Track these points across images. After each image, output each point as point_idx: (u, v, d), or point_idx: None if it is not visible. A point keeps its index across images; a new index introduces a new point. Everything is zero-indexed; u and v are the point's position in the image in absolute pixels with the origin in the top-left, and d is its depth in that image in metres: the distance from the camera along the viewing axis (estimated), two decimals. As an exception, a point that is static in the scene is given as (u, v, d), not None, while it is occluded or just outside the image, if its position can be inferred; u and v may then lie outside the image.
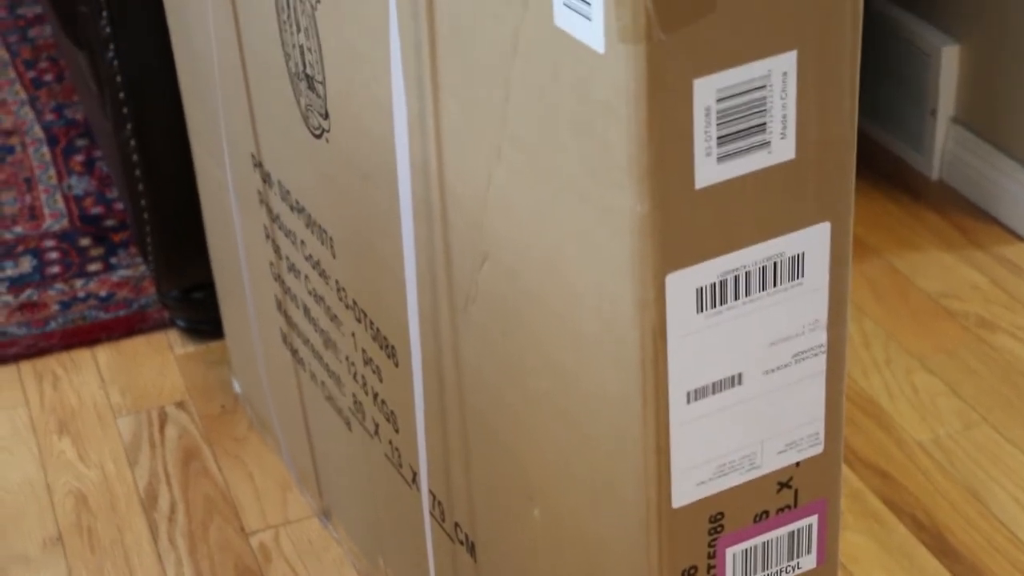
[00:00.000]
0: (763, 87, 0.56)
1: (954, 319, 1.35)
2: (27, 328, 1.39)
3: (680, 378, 0.61)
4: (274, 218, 1.01)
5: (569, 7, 0.56)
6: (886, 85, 1.57)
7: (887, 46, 1.56)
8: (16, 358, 1.36)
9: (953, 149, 1.52)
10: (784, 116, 0.57)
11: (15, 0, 1.99)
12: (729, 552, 0.66)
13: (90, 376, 1.34)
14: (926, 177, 1.54)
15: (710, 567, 0.66)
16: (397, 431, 0.91)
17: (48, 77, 1.81)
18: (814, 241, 0.61)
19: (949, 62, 1.49)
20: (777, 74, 0.56)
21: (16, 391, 1.33)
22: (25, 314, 1.41)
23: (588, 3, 0.55)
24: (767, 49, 0.56)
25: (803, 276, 0.61)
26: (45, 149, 1.67)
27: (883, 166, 1.57)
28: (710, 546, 0.65)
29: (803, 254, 0.61)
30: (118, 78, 1.21)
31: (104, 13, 1.18)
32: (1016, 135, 1.45)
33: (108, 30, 1.19)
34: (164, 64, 1.18)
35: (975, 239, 1.46)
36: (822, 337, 0.63)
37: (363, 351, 0.92)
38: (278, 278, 1.05)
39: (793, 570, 0.68)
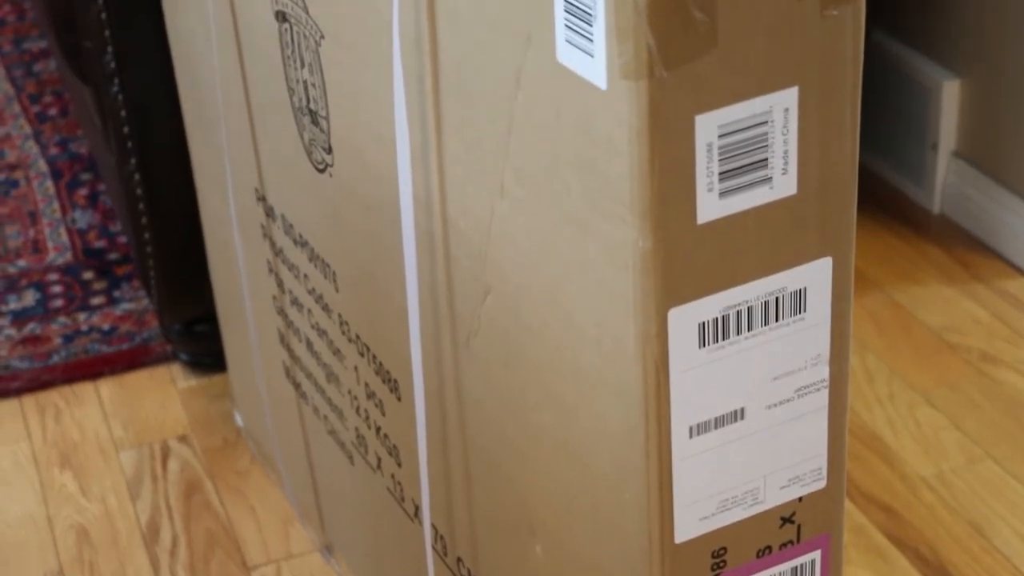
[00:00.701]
0: (765, 123, 0.57)
1: (956, 353, 1.35)
2: (30, 361, 1.39)
3: (682, 413, 0.61)
4: (277, 252, 1.02)
5: (572, 44, 0.57)
6: (887, 119, 1.58)
7: (888, 81, 1.56)
8: (19, 391, 1.36)
9: (954, 183, 1.52)
10: (786, 152, 0.58)
11: (21, 35, 2.00)
12: (732, 587, 0.66)
13: (92, 409, 1.34)
14: (927, 211, 1.55)
15: (713, 602, 0.65)
16: (399, 465, 0.91)
17: (53, 111, 1.82)
18: (816, 276, 0.61)
19: (950, 97, 1.50)
20: (779, 110, 0.57)
21: (18, 424, 1.33)
22: (28, 347, 1.41)
23: (590, 40, 0.55)
24: (768, 85, 0.56)
25: (805, 311, 0.61)
26: (49, 183, 1.67)
27: (884, 200, 1.57)
28: (713, 581, 0.65)
29: (805, 289, 0.61)
30: (122, 112, 1.22)
31: (109, 48, 1.19)
32: (1017, 169, 1.46)
33: (113, 65, 1.20)
34: (168, 99, 1.19)
35: (977, 273, 1.46)
36: (824, 372, 0.63)
37: (366, 385, 0.92)
38: (281, 312, 1.05)
39: (796, 605, 0.68)
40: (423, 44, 0.69)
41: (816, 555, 0.67)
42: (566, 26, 0.57)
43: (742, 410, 0.62)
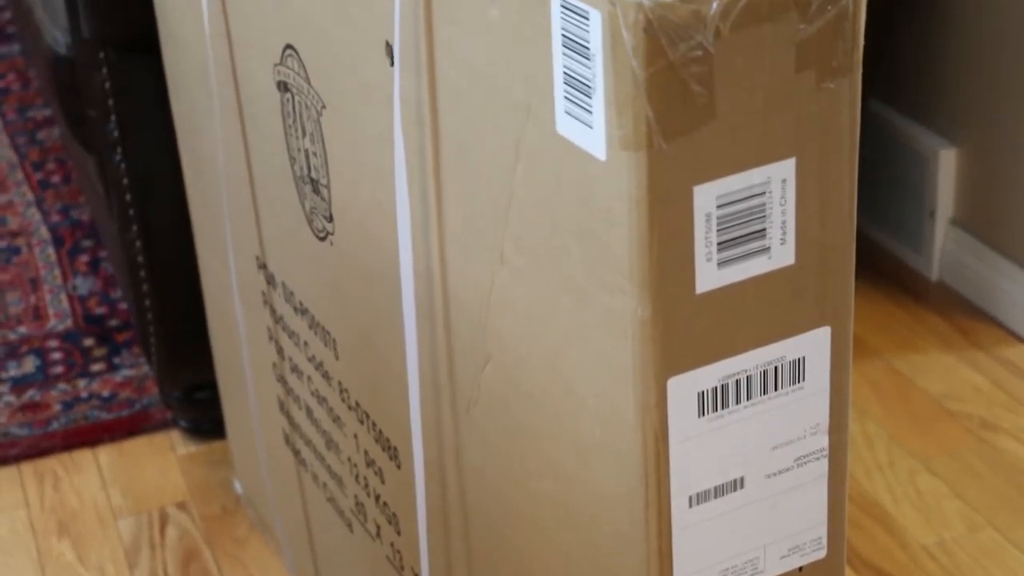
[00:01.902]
0: (763, 194, 0.57)
1: (956, 421, 1.35)
2: (29, 429, 1.39)
3: (682, 482, 0.61)
4: (277, 319, 1.02)
5: (571, 115, 0.57)
6: (885, 187, 1.59)
7: (885, 149, 1.57)
8: (17, 459, 1.36)
9: (952, 250, 1.53)
10: (784, 222, 0.58)
11: (25, 103, 2.02)
12: (733, 658, 0.65)
13: (91, 477, 1.34)
14: (926, 278, 1.55)
15: (714, 673, 0.65)
16: (399, 533, 0.90)
17: (55, 179, 1.83)
18: (815, 345, 0.61)
19: (947, 165, 1.51)
20: (776, 181, 0.57)
21: (16, 492, 1.32)
22: (27, 414, 1.41)
23: (590, 111, 0.56)
24: (766, 156, 0.57)
25: (804, 380, 0.61)
26: (51, 250, 1.68)
27: (883, 267, 1.58)
28: (713, 652, 0.65)
29: (804, 358, 0.61)
30: (125, 181, 1.23)
31: (112, 117, 1.20)
32: (1015, 237, 1.46)
33: (116, 134, 1.21)
34: (170, 167, 1.19)
35: (976, 340, 1.46)
36: (823, 441, 0.63)
37: (365, 452, 0.92)
38: (281, 379, 1.05)
39: (797, 676, 0.67)
40: (424, 114, 0.70)
41: (817, 625, 0.67)
42: (565, 98, 0.57)
43: (741, 479, 0.62)
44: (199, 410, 1.36)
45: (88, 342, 1.51)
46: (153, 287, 1.28)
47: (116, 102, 1.19)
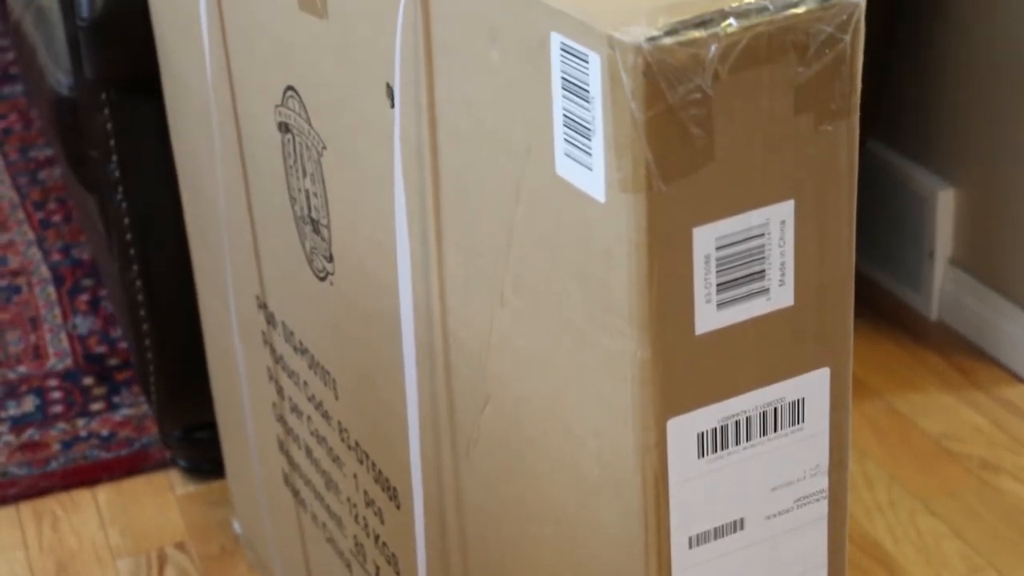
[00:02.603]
0: (761, 235, 0.57)
1: (957, 461, 1.35)
2: (28, 468, 1.39)
3: (682, 523, 0.61)
4: (277, 359, 1.02)
5: (570, 157, 0.58)
6: (884, 227, 1.59)
7: (884, 189, 1.58)
8: (16, 499, 1.36)
9: (951, 290, 1.53)
10: (783, 263, 0.58)
11: (27, 143, 2.03)
12: None
13: (90, 516, 1.33)
14: (925, 318, 1.55)
15: None
16: (398, 574, 0.90)
17: (56, 218, 1.83)
18: (814, 386, 0.61)
19: (945, 205, 1.51)
20: (775, 222, 0.57)
21: (15, 532, 1.32)
22: (26, 454, 1.41)
23: (589, 154, 0.56)
24: (765, 198, 0.57)
25: (803, 421, 0.61)
26: (51, 289, 1.68)
27: (882, 307, 1.58)
28: None
29: (803, 399, 0.61)
30: (125, 220, 1.23)
31: (114, 157, 1.21)
32: (1014, 277, 1.47)
33: (117, 174, 1.21)
34: (171, 207, 1.20)
35: (976, 380, 1.46)
36: (823, 482, 0.63)
37: (365, 493, 0.92)
38: (280, 419, 1.05)
39: None
40: (424, 156, 0.70)
41: (818, 667, 0.67)
42: (565, 140, 0.58)
43: (741, 520, 0.62)
44: (198, 450, 1.36)
45: (88, 381, 1.51)
46: (153, 326, 1.28)
47: (117, 142, 1.20)
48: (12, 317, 1.64)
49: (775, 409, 0.61)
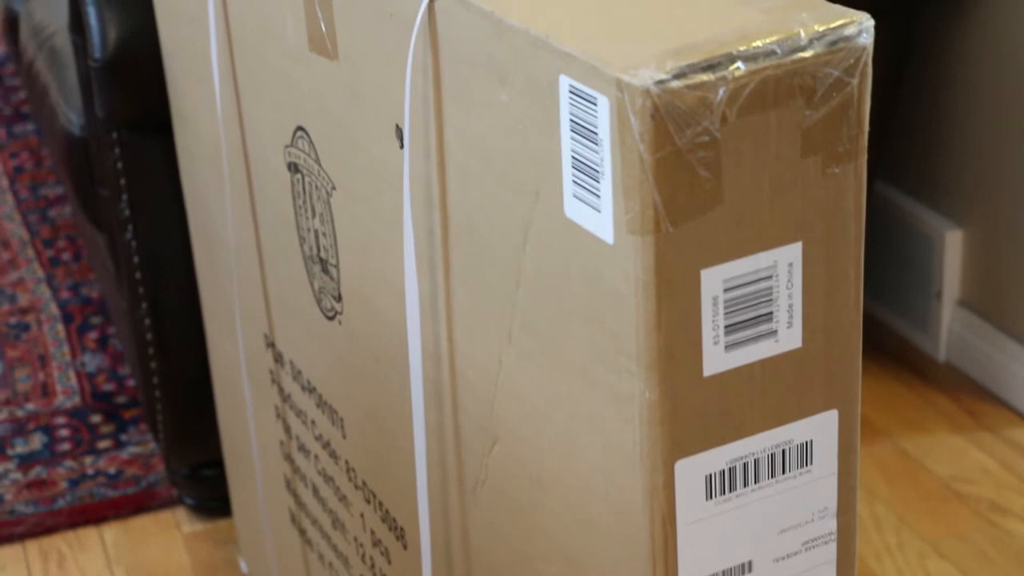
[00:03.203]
0: (769, 277, 0.57)
1: (966, 503, 1.34)
2: (35, 506, 1.39)
3: (690, 565, 0.60)
4: (285, 398, 1.02)
5: (579, 199, 0.58)
6: (891, 268, 1.59)
7: (891, 231, 1.58)
8: (22, 537, 1.35)
9: (959, 331, 1.53)
10: (790, 305, 0.58)
11: (38, 181, 2.04)
12: None
13: (96, 555, 1.33)
14: (933, 359, 1.55)
15: None
16: (405, 615, 0.90)
17: (66, 256, 1.84)
18: (822, 429, 0.61)
19: (952, 246, 1.51)
20: (783, 265, 0.58)
21: (21, 571, 1.32)
22: (33, 492, 1.41)
23: (598, 196, 0.56)
24: (773, 241, 0.57)
25: (812, 464, 0.61)
26: (60, 326, 1.69)
27: (890, 348, 1.58)
28: None
29: (811, 442, 0.61)
30: (135, 258, 1.24)
31: (124, 196, 1.21)
32: (1022, 318, 1.46)
33: (127, 213, 1.22)
34: (180, 246, 1.20)
35: (984, 422, 1.45)
36: (832, 525, 0.63)
37: (372, 532, 0.91)
38: (288, 457, 1.05)
39: None
40: (433, 197, 0.70)
41: None
42: (574, 182, 0.58)
43: (750, 563, 0.62)
44: (205, 488, 1.35)
45: (95, 419, 1.51)
46: (161, 364, 1.28)
47: (128, 181, 1.21)
48: (21, 354, 1.64)
49: (783, 451, 0.61)
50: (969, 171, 1.49)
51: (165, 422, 1.32)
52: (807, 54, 0.55)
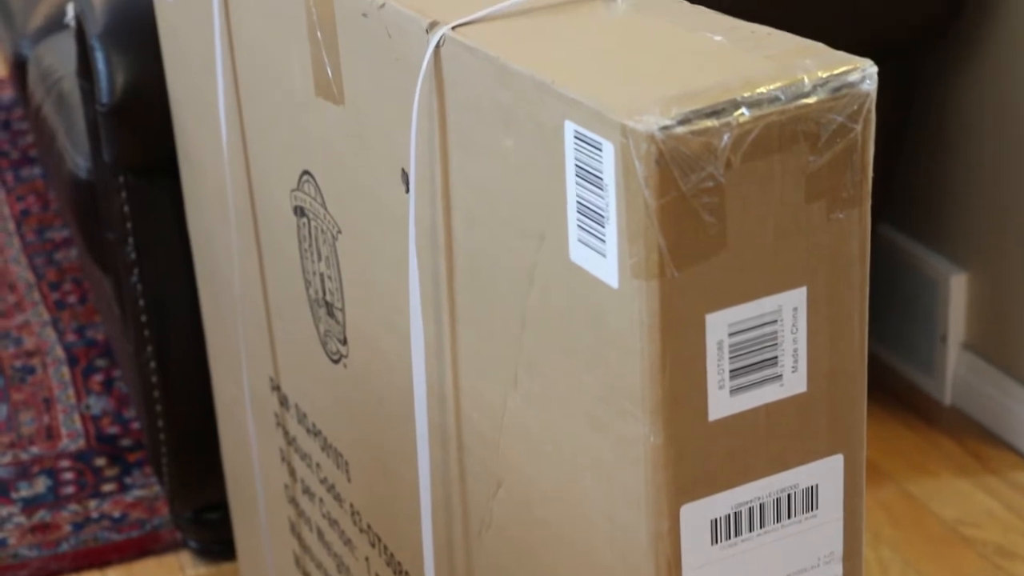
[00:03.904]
0: (774, 322, 0.58)
1: (972, 547, 1.34)
2: (38, 550, 1.38)
3: (695, 610, 0.60)
4: (290, 441, 1.02)
5: (584, 243, 0.58)
6: (896, 312, 1.59)
7: (896, 274, 1.58)
8: (26, 580, 1.35)
9: (964, 375, 1.53)
10: (795, 350, 0.58)
11: (44, 224, 2.04)
12: None
13: (100, 599, 1.33)
14: (938, 402, 1.55)
15: None
16: (409, 660, 0.90)
17: (72, 299, 1.84)
18: (827, 473, 0.61)
19: (958, 290, 1.51)
20: (788, 309, 0.58)
21: (24, 613, 1.31)
22: (37, 536, 1.40)
23: (603, 240, 0.57)
24: (777, 286, 0.57)
25: (817, 508, 0.61)
26: (65, 369, 1.69)
27: (895, 391, 1.57)
28: None
29: (816, 486, 0.61)
30: (141, 301, 1.24)
31: (130, 239, 1.22)
32: (1027, 362, 1.46)
33: (133, 256, 1.22)
34: (186, 289, 1.21)
35: (990, 465, 1.45)
36: (838, 569, 0.63)
37: (376, 575, 0.91)
38: (292, 501, 1.05)
39: None
40: (438, 240, 0.71)
41: None
42: (579, 226, 0.58)
43: (755, 607, 0.62)
44: (210, 531, 1.35)
45: (100, 462, 1.51)
46: (166, 407, 1.29)
47: (134, 224, 1.21)
48: (26, 397, 1.64)
49: (788, 496, 0.61)
50: (974, 215, 1.50)
51: (170, 465, 1.32)
52: (811, 100, 0.55)
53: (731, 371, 0.57)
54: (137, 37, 1.12)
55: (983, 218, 1.48)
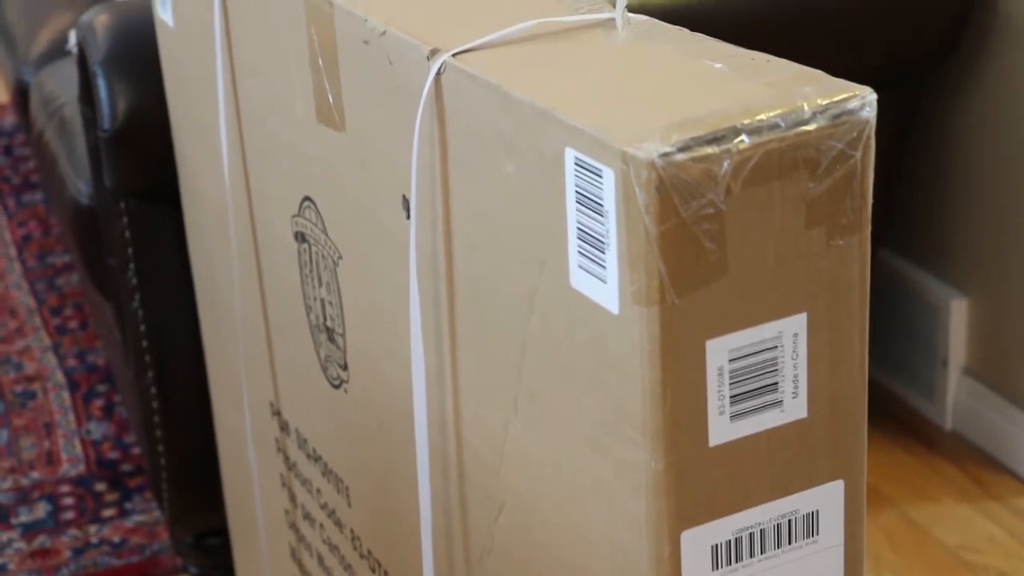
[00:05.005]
0: (775, 348, 0.58)
1: (973, 573, 1.33)
2: (38, 575, 1.38)
3: (696, 636, 0.60)
4: (291, 466, 1.02)
5: (584, 269, 0.58)
6: (897, 337, 1.59)
7: (897, 299, 1.58)
8: (26, 605, 1.35)
9: (965, 400, 1.53)
10: (796, 376, 0.59)
11: (46, 249, 2.05)
12: None
13: (99, 624, 1.32)
14: (939, 427, 1.55)
15: None
16: None
17: (72, 324, 1.84)
18: (828, 499, 0.61)
19: (958, 315, 1.51)
20: (788, 335, 0.58)
21: (24, 639, 1.31)
22: (37, 561, 1.40)
23: (603, 267, 0.57)
24: (778, 312, 0.57)
25: (818, 534, 0.61)
26: (66, 394, 1.69)
27: (896, 416, 1.57)
28: None
29: (817, 512, 0.61)
30: (142, 327, 1.24)
31: (131, 265, 1.22)
32: (1028, 387, 1.46)
33: (134, 281, 1.22)
34: (187, 314, 1.21)
35: (991, 491, 1.45)
36: (839, 595, 0.63)
37: (377, 603, 0.91)
38: (293, 526, 1.05)
39: None
40: (439, 266, 0.71)
41: None
42: (579, 253, 0.58)
43: (756, 634, 0.62)
44: (210, 556, 1.35)
45: (100, 487, 1.51)
46: (167, 432, 1.28)
47: (135, 250, 1.21)
48: (27, 422, 1.64)
49: (789, 521, 0.61)
50: (974, 239, 1.50)
51: (170, 490, 1.32)
52: (810, 127, 0.55)
53: (731, 397, 0.57)
54: (139, 64, 1.13)
55: (983, 243, 1.49)
